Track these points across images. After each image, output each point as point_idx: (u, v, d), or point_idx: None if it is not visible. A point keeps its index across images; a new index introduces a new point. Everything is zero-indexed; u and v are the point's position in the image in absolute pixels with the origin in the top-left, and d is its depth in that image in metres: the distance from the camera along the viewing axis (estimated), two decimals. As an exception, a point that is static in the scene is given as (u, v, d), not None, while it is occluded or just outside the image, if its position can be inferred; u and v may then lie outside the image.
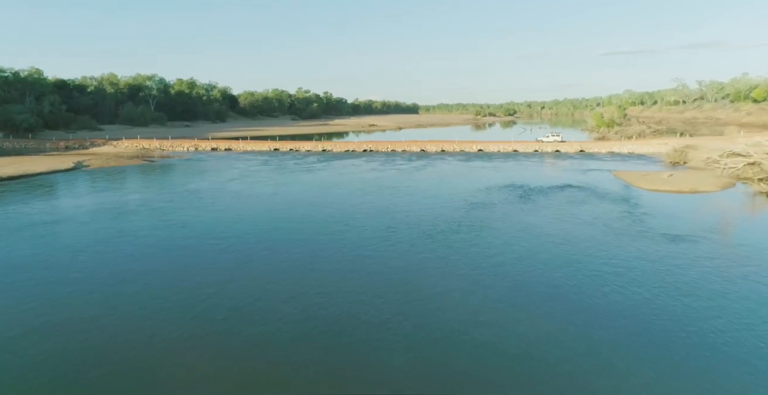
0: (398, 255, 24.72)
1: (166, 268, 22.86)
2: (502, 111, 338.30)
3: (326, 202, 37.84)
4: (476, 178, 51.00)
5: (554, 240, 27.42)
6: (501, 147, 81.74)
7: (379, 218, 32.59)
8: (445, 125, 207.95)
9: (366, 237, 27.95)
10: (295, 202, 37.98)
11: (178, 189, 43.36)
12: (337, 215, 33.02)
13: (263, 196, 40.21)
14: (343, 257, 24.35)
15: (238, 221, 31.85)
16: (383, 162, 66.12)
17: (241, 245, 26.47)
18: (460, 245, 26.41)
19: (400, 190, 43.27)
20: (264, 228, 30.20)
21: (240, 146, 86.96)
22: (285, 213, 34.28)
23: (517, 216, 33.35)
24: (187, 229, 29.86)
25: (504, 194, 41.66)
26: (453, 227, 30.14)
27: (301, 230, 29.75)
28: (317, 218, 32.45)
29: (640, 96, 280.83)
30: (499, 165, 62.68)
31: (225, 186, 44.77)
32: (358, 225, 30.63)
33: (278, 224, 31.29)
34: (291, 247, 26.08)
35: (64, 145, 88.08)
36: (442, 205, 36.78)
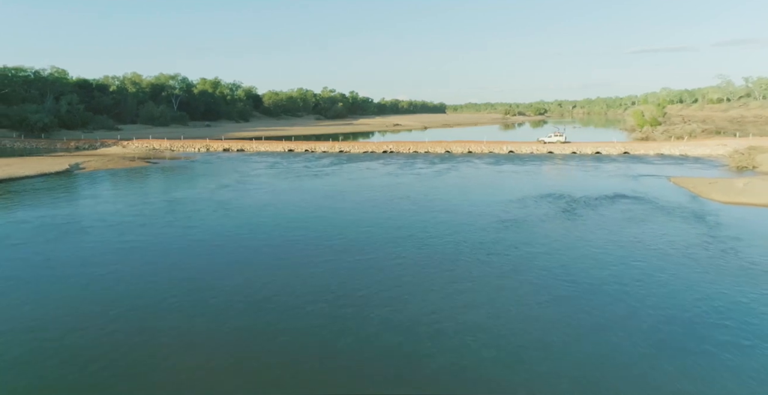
0: (403, 308, 17.41)
1: (72, 315, 16.20)
2: (531, 110, 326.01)
3: (321, 219, 30.74)
4: (508, 185, 43.15)
5: (621, 281, 19.61)
6: (534, 148, 73.27)
7: (383, 243, 25.31)
8: (472, 125, 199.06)
9: (363, 273, 20.75)
10: (282, 219, 31.03)
11: (158, 198, 37.02)
12: (331, 241, 25.87)
13: (248, 210, 33.39)
14: (326, 308, 17.19)
15: (203, 247, 25.09)
16: (402, 165, 58.75)
17: (197, 284, 19.66)
18: (486, 289, 18.94)
19: (415, 202, 35.86)
20: (231, 260, 23.33)
21: (253, 146, 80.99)
22: (263, 236, 27.35)
23: (562, 241, 25.55)
24: (132, 257, 23.24)
25: (543, 207, 33.78)
26: (479, 258, 22.62)
27: (279, 263, 22.77)
28: (303, 246, 25.39)
29: (679, 94, 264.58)
30: (534, 170, 54.51)
31: (212, 195, 38.24)
32: (354, 254, 23.44)
33: (250, 253, 24.38)
34: (259, 292, 19.12)
35: (74, 145, 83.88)
36: (465, 224, 29.23)
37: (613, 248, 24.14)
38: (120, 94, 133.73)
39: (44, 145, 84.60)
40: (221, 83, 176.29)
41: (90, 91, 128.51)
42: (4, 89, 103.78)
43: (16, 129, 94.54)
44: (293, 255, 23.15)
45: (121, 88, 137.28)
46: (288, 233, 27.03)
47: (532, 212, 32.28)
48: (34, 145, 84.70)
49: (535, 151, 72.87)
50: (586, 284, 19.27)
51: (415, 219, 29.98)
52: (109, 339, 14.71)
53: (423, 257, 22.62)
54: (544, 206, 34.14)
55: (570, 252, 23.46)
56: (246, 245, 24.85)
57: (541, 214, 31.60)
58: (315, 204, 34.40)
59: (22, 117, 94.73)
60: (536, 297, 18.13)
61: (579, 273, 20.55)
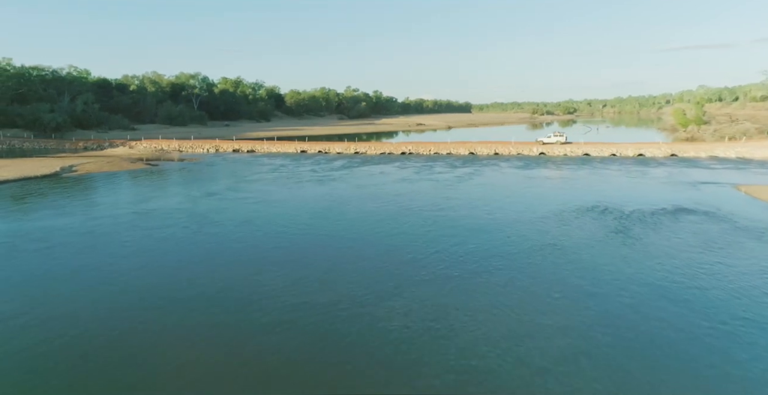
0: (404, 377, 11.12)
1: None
2: (560, 109, 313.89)
3: (307, 245, 24.52)
4: (541, 195, 36.16)
5: (725, 350, 12.75)
6: (568, 150, 65.61)
7: (381, 288, 18.93)
8: (498, 124, 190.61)
9: (350, 351, 14.46)
10: (257, 243, 24.93)
11: (130, 209, 31.35)
12: (310, 283, 19.64)
13: (224, 227, 27.35)
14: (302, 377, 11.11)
15: (150, 278, 19.20)
16: (420, 169, 52.15)
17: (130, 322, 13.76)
18: (526, 366, 12.36)
19: (429, 218, 29.30)
20: (175, 297, 17.37)
21: (264, 147, 75.63)
22: (226, 266, 21.32)
23: (621, 275, 18.70)
24: (47, 292, 17.50)
25: (588, 225, 26.82)
26: (509, 305, 16.02)
27: (244, 308, 16.68)
28: (275, 282, 19.23)
29: (718, 92, 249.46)
30: (570, 175, 47.20)
31: (192, 206, 32.43)
32: (341, 307, 17.14)
33: (206, 291, 18.36)
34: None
35: (83, 145, 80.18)
36: (488, 248, 22.61)
37: (695, 292, 17.18)
38: (139, 94, 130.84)
39: (53, 145, 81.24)
40: (243, 83, 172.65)
41: (109, 91, 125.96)
42: (20, 89, 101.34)
43: (30, 129, 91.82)
44: (261, 298, 17.02)
45: (141, 88, 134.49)
46: (261, 264, 20.92)
47: (575, 232, 25.37)
48: (43, 145, 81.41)
49: (569, 153, 65.23)
50: (674, 362, 12.47)
51: (425, 245, 23.45)
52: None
53: (436, 308, 16.16)
54: (590, 223, 27.15)
55: (633, 295, 16.62)
56: (203, 283, 18.84)
57: (588, 235, 24.67)
58: (304, 222, 28.11)
59: (35, 117, 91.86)
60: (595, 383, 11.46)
61: (653, 336, 13.74)
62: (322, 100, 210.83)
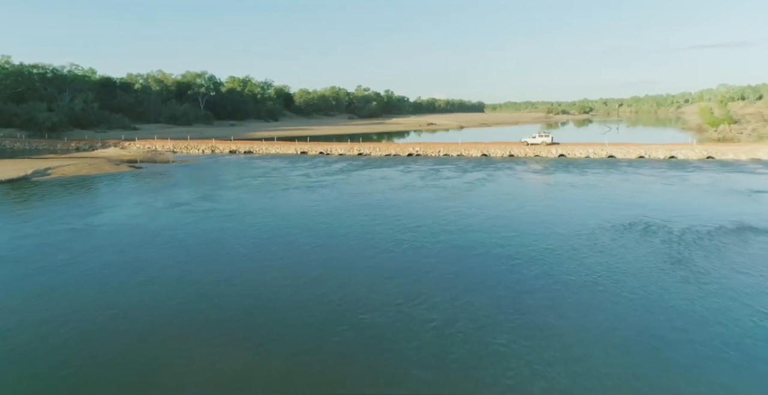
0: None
1: None
2: (575, 109, 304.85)
3: (262, 278, 18.91)
4: (567, 208, 30.08)
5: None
6: (591, 151, 59.13)
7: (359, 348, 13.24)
8: (512, 124, 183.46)
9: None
10: (207, 274, 19.38)
11: (68, 225, 25.89)
12: (249, 335, 14.02)
13: (172, 249, 21.87)
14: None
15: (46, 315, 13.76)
16: (426, 173, 46.26)
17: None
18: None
19: (428, 240, 23.48)
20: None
21: (263, 148, 70.36)
22: (146, 313, 15.81)
23: (691, 328, 12.73)
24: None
25: (633, 249, 20.79)
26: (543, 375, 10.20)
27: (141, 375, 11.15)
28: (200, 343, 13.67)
29: (741, 90, 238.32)
30: (598, 181, 40.94)
31: (146, 222, 26.93)
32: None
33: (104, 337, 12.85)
34: None
35: (75, 145, 75.76)
36: (507, 285, 16.76)
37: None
38: (143, 93, 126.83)
39: (45, 145, 77.02)
40: (251, 82, 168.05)
41: (112, 90, 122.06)
42: (19, 87, 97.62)
43: (26, 129, 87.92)
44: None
45: (145, 87, 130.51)
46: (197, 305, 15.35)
47: (617, 258, 19.38)
48: (35, 145, 77.20)
49: (592, 155, 58.75)
50: None
51: (421, 278, 17.67)
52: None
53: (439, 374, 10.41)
54: (634, 248, 21.10)
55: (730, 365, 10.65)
56: (107, 324, 13.33)
57: (634, 267, 18.66)
58: (267, 247, 22.34)
59: (30, 116, 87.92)
60: None
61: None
62: (332, 99, 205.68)
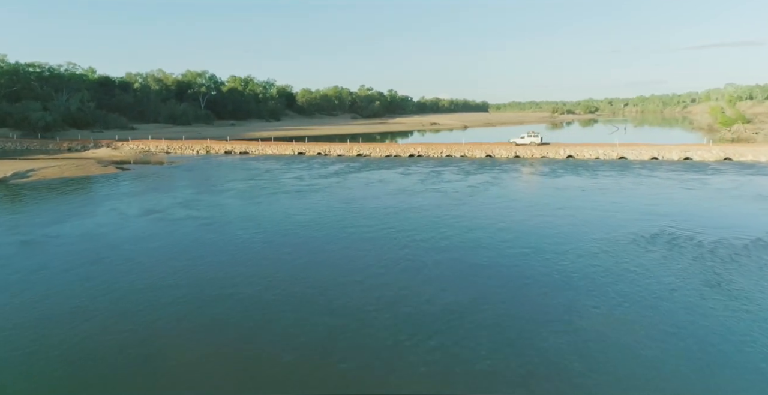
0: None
1: None
2: (580, 108, 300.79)
3: (230, 300, 16.08)
4: (581, 216, 27.08)
5: None
6: (601, 152, 56.04)
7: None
8: (517, 124, 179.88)
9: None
10: (166, 296, 16.60)
11: (22, 236, 23.28)
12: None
13: (133, 264, 19.17)
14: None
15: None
16: (427, 176, 43.35)
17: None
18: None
19: (428, 259, 20.59)
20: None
21: (259, 149, 67.63)
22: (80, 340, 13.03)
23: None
24: None
25: (660, 267, 17.84)
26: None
27: None
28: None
29: (749, 90, 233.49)
30: (611, 185, 37.91)
31: (112, 232, 24.08)
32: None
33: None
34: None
35: (67, 146, 73.29)
36: (520, 318, 13.86)
37: None
38: (143, 93, 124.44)
39: (36, 146, 74.59)
40: (253, 81, 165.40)
41: (111, 89, 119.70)
42: (14, 86, 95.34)
43: (19, 128, 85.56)
44: None
45: (144, 86, 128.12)
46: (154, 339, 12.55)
47: (645, 282, 16.44)
48: (26, 146, 74.78)
49: (602, 156, 55.67)
50: None
51: (417, 311, 14.80)
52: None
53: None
54: (661, 264, 18.15)
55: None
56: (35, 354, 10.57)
57: (665, 286, 15.71)
58: (241, 263, 19.59)
59: (24, 116, 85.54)
60: None
61: None
62: (334, 99, 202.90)
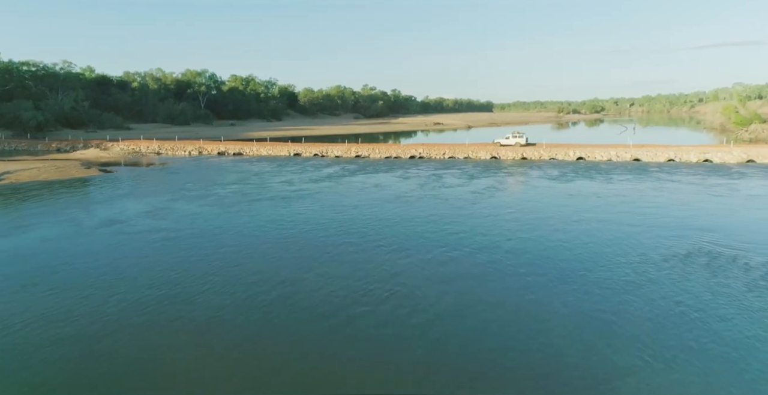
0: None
1: None
2: (586, 108, 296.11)
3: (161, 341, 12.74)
4: (600, 229, 23.64)
5: None
6: (613, 154, 52.49)
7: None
8: (522, 124, 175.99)
9: None
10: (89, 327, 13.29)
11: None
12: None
13: (65, 288, 16.01)
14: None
15: None
16: (427, 180, 39.96)
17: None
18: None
19: (424, 292, 17.22)
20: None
21: (254, 149, 64.45)
22: None
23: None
24: None
25: (708, 299, 14.41)
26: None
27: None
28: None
29: (758, 89, 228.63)
30: (628, 191, 34.39)
31: (59, 247, 20.83)
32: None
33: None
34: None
35: (56, 146, 70.43)
36: (543, 365, 10.49)
37: None
38: (141, 92, 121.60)
39: (25, 146, 71.75)
40: (254, 81, 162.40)
41: (108, 88, 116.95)
42: (7, 85, 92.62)
43: (10, 128, 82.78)
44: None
45: (143, 85, 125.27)
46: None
47: (690, 317, 13.04)
48: (14, 146, 71.98)
49: (614, 158, 52.11)
50: None
51: (411, 369, 11.47)
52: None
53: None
54: (705, 292, 14.73)
55: None
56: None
57: (717, 326, 12.31)
58: (186, 299, 16.35)
59: (15, 115, 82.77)
60: None
61: None
62: (337, 98, 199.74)
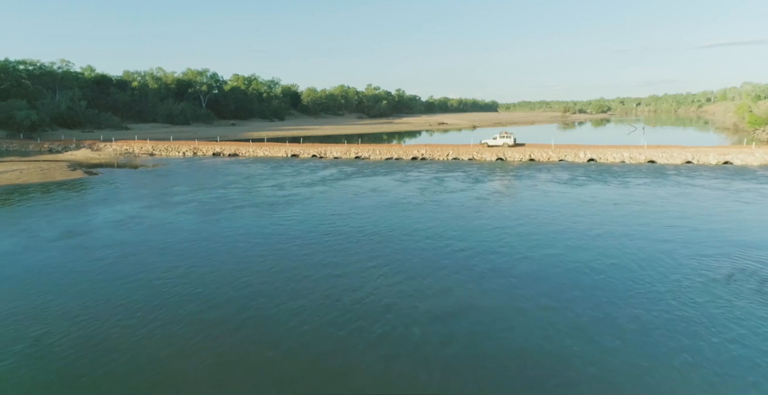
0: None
1: None
2: (592, 108, 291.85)
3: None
4: (625, 242, 20.71)
5: None
6: (626, 155, 49.41)
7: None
8: (528, 123, 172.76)
9: None
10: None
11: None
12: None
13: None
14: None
15: None
16: (428, 184, 37.10)
17: None
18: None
19: (411, 331, 14.35)
20: None
21: (250, 150, 61.79)
22: None
23: None
24: None
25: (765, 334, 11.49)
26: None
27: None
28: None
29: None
30: (646, 196, 31.37)
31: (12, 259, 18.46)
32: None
33: None
34: None
35: (47, 147, 68.20)
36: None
37: None
38: (141, 91, 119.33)
39: (16, 146, 69.54)
40: (257, 80, 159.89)
41: (107, 88, 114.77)
42: (2, 84, 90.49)
43: (4, 128, 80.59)
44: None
45: (143, 85, 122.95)
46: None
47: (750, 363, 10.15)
48: (5, 146, 69.80)
49: (628, 159, 49.06)
50: None
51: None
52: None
53: None
54: (762, 325, 11.83)
55: None
56: None
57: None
58: (134, 332, 13.65)
59: (9, 115, 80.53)
60: None
61: None
62: (340, 98, 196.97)
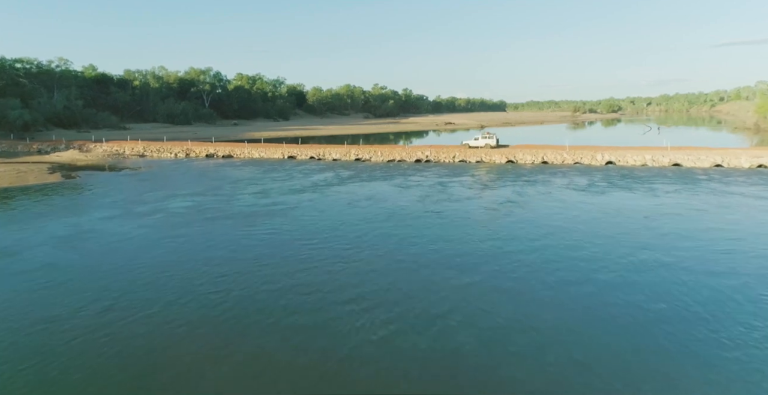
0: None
1: None
2: (602, 107, 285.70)
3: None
4: (671, 271, 16.80)
5: None
6: (648, 158, 45.28)
7: None
8: (537, 123, 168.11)
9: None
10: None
11: None
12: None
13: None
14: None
15: None
16: (431, 190, 33.25)
17: None
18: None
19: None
20: None
21: (245, 152, 58.33)
22: None
23: None
24: None
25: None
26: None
27: None
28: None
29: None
30: (678, 206, 27.31)
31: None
32: None
33: None
34: None
35: (36, 147, 65.39)
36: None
37: None
38: (142, 91, 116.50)
39: (5, 147, 66.70)
40: (262, 79, 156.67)
41: (107, 87, 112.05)
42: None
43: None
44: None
45: (144, 84, 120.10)
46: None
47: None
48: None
49: (650, 162, 44.94)
50: None
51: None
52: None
53: None
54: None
55: None
56: None
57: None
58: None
59: (1, 114, 77.86)
60: None
61: None
62: (346, 97, 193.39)
